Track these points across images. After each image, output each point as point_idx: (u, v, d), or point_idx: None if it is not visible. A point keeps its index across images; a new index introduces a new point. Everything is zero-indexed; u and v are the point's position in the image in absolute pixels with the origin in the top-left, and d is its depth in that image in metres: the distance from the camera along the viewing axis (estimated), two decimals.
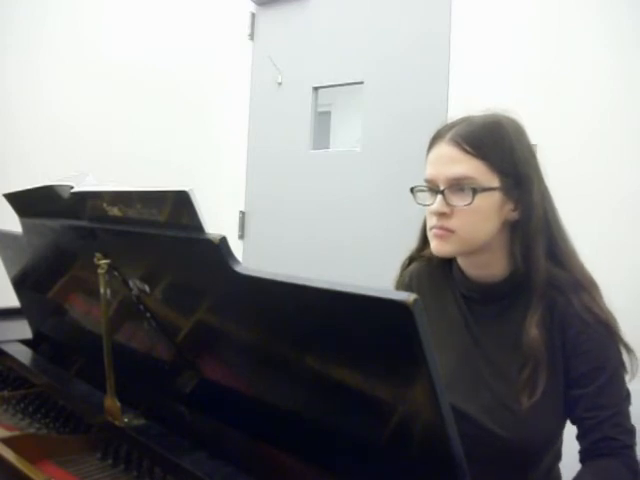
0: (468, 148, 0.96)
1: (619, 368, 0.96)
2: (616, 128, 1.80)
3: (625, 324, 0.99)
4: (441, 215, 0.97)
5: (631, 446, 0.94)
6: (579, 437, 0.98)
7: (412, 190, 1.04)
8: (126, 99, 2.53)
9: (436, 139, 1.01)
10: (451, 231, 0.97)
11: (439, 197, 0.97)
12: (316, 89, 2.68)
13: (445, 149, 0.98)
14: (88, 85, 2.40)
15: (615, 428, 0.93)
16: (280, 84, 2.77)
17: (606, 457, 0.93)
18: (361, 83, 2.50)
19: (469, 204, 0.94)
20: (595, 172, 1.81)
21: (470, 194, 0.94)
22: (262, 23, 2.87)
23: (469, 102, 2.17)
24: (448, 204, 0.96)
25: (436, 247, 0.99)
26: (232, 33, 2.91)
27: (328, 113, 3.80)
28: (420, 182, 1.03)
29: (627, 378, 0.97)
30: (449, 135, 0.98)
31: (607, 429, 0.93)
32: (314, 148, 2.69)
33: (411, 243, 1.16)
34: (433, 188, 0.99)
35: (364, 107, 2.50)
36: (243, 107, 2.91)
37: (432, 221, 0.99)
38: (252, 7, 2.87)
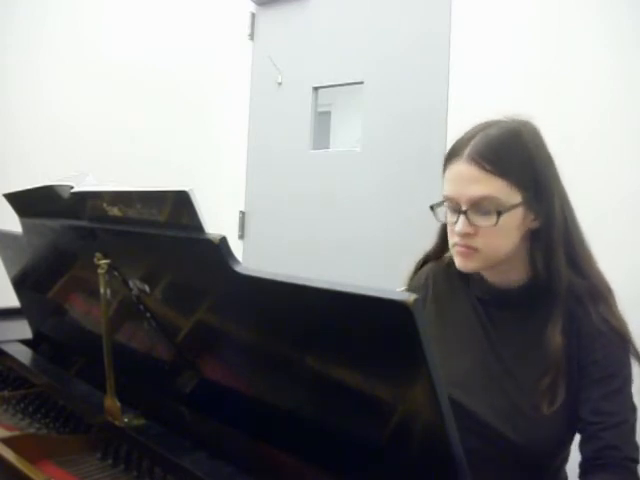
0: (488, 166, 0.93)
1: (628, 379, 0.95)
2: (616, 128, 1.79)
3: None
4: (465, 235, 0.95)
5: (634, 459, 0.91)
6: (582, 445, 0.95)
7: (432, 208, 1.01)
8: (126, 99, 2.53)
9: (453, 156, 0.98)
10: (476, 250, 0.96)
11: (462, 217, 0.95)
12: (316, 89, 2.68)
13: (464, 168, 0.95)
14: (88, 85, 2.40)
15: (619, 437, 0.91)
16: (280, 84, 2.77)
17: (606, 470, 0.90)
18: (361, 83, 2.50)
19: (494, 225, 0.92)
20: (595, 172, 1.81)
21: (494, 215, 0.92)
22: (262, 23, 2.87)
23: (469, 102, 2.17)
24: (472, 224, 0.94)
25: (460, 264, 0.98)
26: (232, 33, 2.91)
27: (328, 113, 3.80)
28: (419, 184, 1.02)
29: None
30: (467, 152, 0.95)
31: (611, 437, 0.91)
32: (314, 148, 2.69)
33: (414, 243, 1.15)
34: (454, 207, 0.97)
35: (364, 107, 2.50)
36: (243, 107, 2.91)
37: (455, 239, 0.97)
38: (252, 7, 2.87)
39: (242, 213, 2.90)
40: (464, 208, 0.95)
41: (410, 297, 0.49)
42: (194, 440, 0.80)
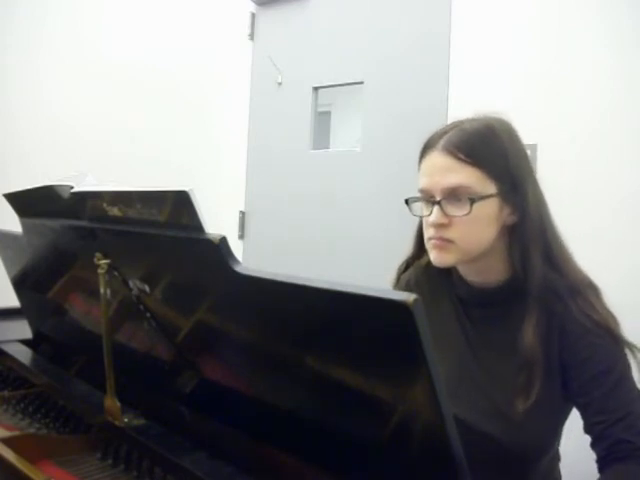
0: (462, 156, 0.93)
1: (625, 370, 0.94)
2: (616, 128, 1.80)
3: (625, 324, 0.99)
4: (439, 226, 0.95)
5: None
6: (593, 445, 0.94)
7: (407, 202, 1.02)
8: (126, 99, 2.53)
9: (428, 148, 0.99)
10: (450, 241, 0.95)
11: (436, 208, 0.95)
12: (316, 89, 2.68)
13: (438, 158, 0.96)
14: (88, 85, 2.40)
15: (628, 430, 0.90)
16: (280, 84, 2.77)
17: (623, 461, 0.90)
18: (361, 83, 2.50)
19: (467, 214, 0.93)
20: (595, 172, 1.81)
21: (467, 203, 0.93)
22: (262, 23, 2.87)
23: (469, 102, 2.17)
24: (446, 215, 0.94)
25: (436, 258, 0.98)
26: (232, 33, 2.91)
27: (328, 113, 3.80)
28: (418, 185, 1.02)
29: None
30: (441, 143, 0.96)
31: (619, 432, 0.90)
32: (314, 148, 2.69)
33: (408, 245, 1.16)
34: (429, 199, 0.97)
35: (364, 107, 2.50)
36: (243, 107, 2.91)
37: (430, 232, 0.97)
38: (252, 7, 2.87)
39: (242, 213, 2.90)
40: (438, 198, 0.95)
41: (410, 297, 0.49)
42: (194, 440, 0.80)
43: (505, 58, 2.02)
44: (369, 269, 2.36)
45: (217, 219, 2.53)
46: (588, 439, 0.96)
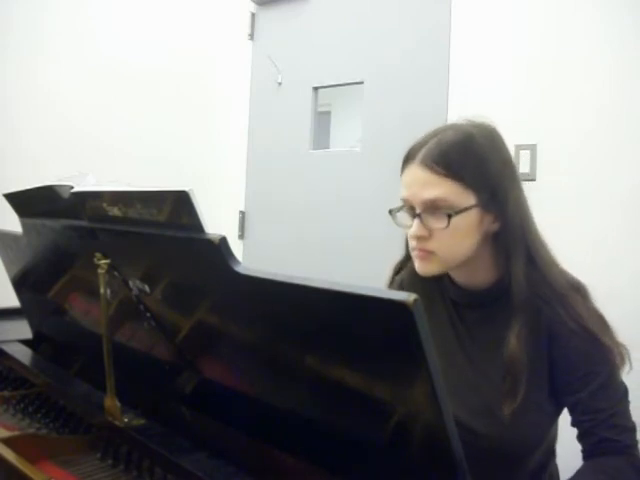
0: (439, 169, 0.94)
1: (612, 371, 0.96)
2: (616, 128, 1.80)
3: (626, 326, 0.99)
4: (420, 238, 0.97)
5: (632, 445, 0.94)
6: (579, 439, 0.98)
7: (390, 212, 1.03)
8: (126, 99, 2.53)
9: (408, 160, 1.00)
10: (432, 252, 0.97)
11: (416, 220, 0.96)
12: (316, 89, 2.68)
13: (417, 172, 0.97)
14: (88, 85, 2.40)
15: (613, 429, 0.93)
16: (280, 84, 2.77)
17: (606, 456, 0.93)
18: (361, 83, 2.50)
19: (446, 227, 0.94)
20: (595, 172, 1.81)
21: (446, 217, 0.93)
22: (262, 23, 2.87)
23: (469, 102, 2.16)
24: (426, 227, 0.96)
25: (419, 268, 1.00)
26: (232, 33, 2.91)
27: (328, 113, 3.80)
28: None
29: (624, 372, 0.97)
30: (419, 156, 0.97)
31: (605, 431, 0.93)
32: (314, 148, 2.69)
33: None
34: (410, 210, 0.99)
35: (364, 107, 2.50)
36: (243, 107, 2.91)
37: (412, 243, 0.99)
38: (252, 7, 2.87)
39: (242, 213, 2.90)
40: (418, 211, 0.96)
41: (410, 297, 0.49)
42: (194, 440, 0.80)
43: (505, 58, 2.02)
44: (369, 269, 2.35)
45: (217, 219, 2.53)
46: None
